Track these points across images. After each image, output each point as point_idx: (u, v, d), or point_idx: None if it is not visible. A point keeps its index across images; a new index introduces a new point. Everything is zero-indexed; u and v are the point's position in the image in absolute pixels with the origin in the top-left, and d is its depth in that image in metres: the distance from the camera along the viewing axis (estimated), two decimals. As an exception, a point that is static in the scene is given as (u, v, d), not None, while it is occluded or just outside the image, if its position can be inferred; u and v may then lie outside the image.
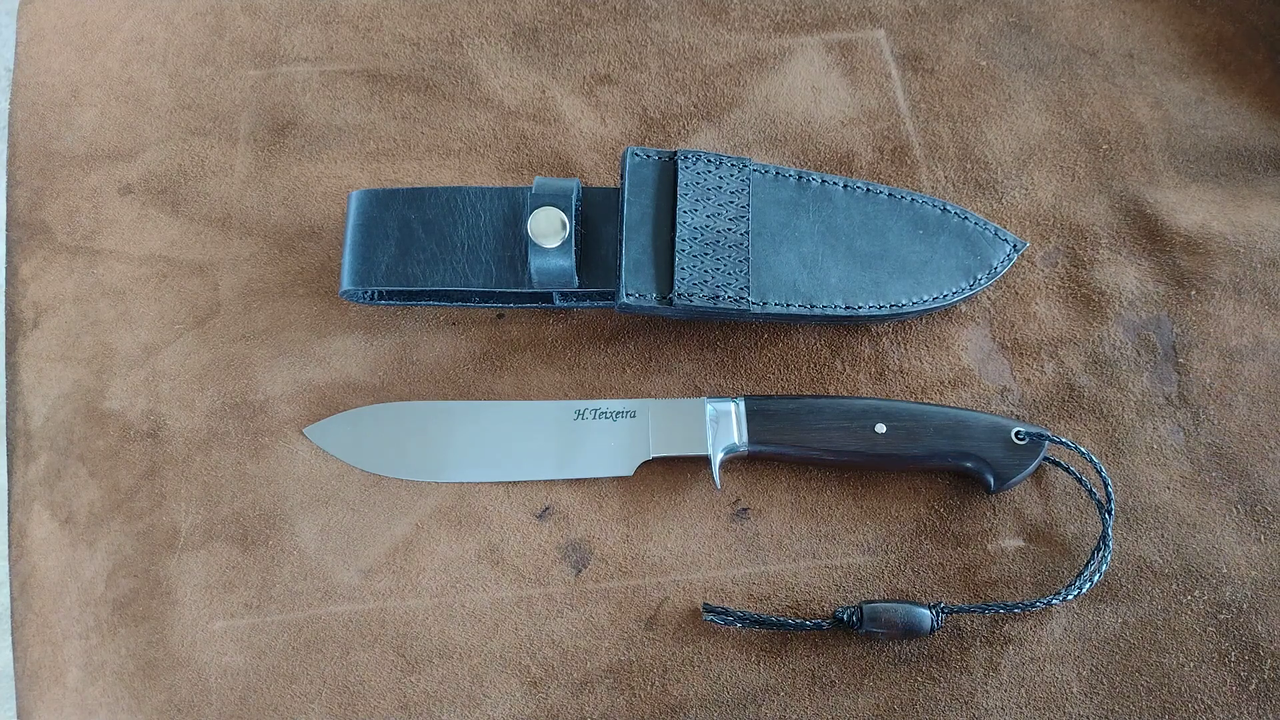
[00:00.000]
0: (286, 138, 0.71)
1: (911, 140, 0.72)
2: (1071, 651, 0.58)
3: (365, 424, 0.63)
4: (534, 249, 0.60)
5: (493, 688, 0.58)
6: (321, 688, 0.57)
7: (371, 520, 0.61)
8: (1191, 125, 0.72)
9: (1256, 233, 0.68)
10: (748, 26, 0.76)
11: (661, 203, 0.62)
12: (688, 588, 0.60)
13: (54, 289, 0.67)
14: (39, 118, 0.72)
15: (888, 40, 0.75)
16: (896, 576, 0.60)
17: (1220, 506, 0.62)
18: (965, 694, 0.58)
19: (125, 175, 0.70)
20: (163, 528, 0.61)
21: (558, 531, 0.61)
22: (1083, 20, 0.76)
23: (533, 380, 0.65)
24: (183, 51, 0.74)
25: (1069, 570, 0.60)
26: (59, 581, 0.60)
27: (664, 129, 0.72)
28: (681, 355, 0.66)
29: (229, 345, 0.65)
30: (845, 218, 0.64)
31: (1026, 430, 0.60)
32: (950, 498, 0.62)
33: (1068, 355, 0.66)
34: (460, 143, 0.71)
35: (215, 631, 0.58)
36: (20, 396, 0.64)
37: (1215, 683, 0.58)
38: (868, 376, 0.65)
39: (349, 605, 0.59)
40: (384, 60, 0.74)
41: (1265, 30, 0.76)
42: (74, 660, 0.58)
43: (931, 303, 0.64)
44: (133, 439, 0.63)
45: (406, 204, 0.63)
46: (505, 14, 0.76)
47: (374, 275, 0.62)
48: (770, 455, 0.61)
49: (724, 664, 0.58)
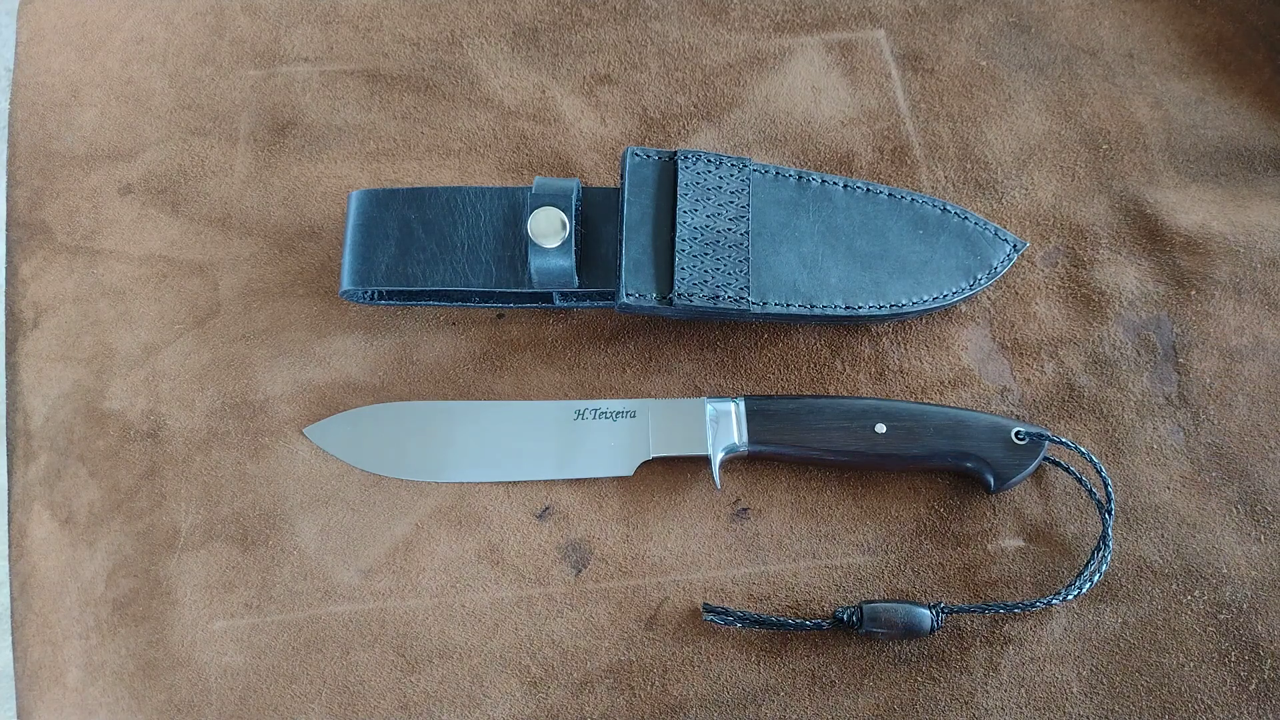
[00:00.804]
0: (286, 138, 0.71)
1: (911, 140, 0.72)
2: (1071, 651, 0.58)
3: (365, 424, 0.63)
4: (534, 249, 0.60)
5: (493, 688, 0.58)
6: (321, 688, 0.57)
7: (371, 520, 0.61)
8: (1191, 125, 0.72)
9: (1256, 233, 0.68)
10: (748, 26, 0.76)
11: (661, 203, 0.62)
12: (688, 588, 0.60)
13: (54, 289, 0.67)
14: (39, 118, 0.72)
15: (888, 40, 0.75)
16: (896, 576, 0.60)
17: (1220, 506, 0.62)
18: (965, 694, 0.58)
19: (125, 175, 0.70)
20: (163, 528, 0.61)
21: (558, 531, 0.61)
22: (1083, 20, 0.76)
23: (533, 380, 0.65)
24: (183, 51, 0.74)
25: (1069, 570, 0.60)
26: (59, 581, 0.60)
27: (664, 129, 0.72)
28: (681, 355, 0.66)
29: (229, 345, 0.65)
30: (845, 218, 0.64)
31: (1026, 430, 0.60)
32: (950, 498, 0.62)
33: (1068, 355, 0.66)
34: (460, 143, 0.71)
35: (215, 631, 0.58)
36: (20, 396, 0.64)
37: (1215, 683, 0.58)
38: (868, 376, 0.65)
39: (349, 605, 0.59)
40: (384, 60, 0.74)
41: (1265, 30, 0.76)
42: (74, 660, 0.58)
43: (931, 303, 0.64)
44: (133, 439, 0.63)
45: (406, 204, 0.63)
46: (505, 14, 0.76)
47: (374, 275, 0.62)
48: (770, 455, 0.61)
49: (724, 664, 0.58)
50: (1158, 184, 0.70)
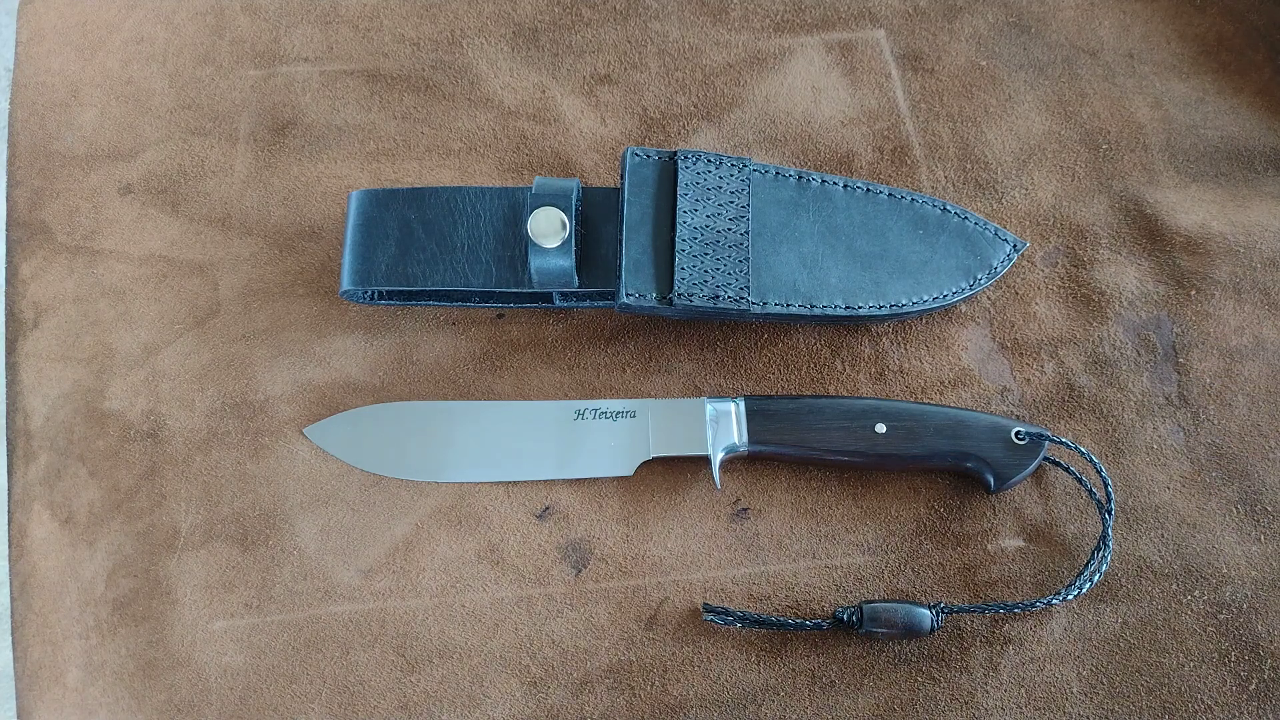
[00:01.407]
0: (286, 138, 0.71)
1: (911, 140, 0.72)
2: (1071, 651, 0.58)
3: (365, 424, 0.63)
4: (534, 249, 0.60)
5: (493, 688, 0.58)
6: (321, 688, 0.57)
7: (371, 520, 0.61)
8: (1191, 125, 0.72)
9: (1256, 232, 0.68)
10: (748, 26, 0.76)
11: (661, 203, 0.62)
12: (688, 588, 0.60)
13: (54, 289, 0.67)
14: (39, 118, 0.72)
15: (888, 40, 0.75)
16: (896, 576, 0.60)
17: (1220, 506, 0.62)
18: (965, 694, 0.58)
19: (125, 175, 0.70)
20: (163, 528, 0.61)
21: (558, 531, 0.61)
22: (1083, 20, 0.76)
23: (533, 380, 0.65)
24: (183, 51, 0.74)
25: (1069, 570, 0.60)
26: (59, 581, 0.60)
27: (664, 129, 0.72)
28: (681, 355, 0.66)
29: (229, 345, 0.65)
30: (845, 218, 0.64)
31: (1026, 430, 0.60)
32: (950, 498, 0.62)
33: (1068, 355, 0.66)
34: (460, 143, 0.71)
35: (215, 631, 0.58)
36: (20, 396, 0.64)
37: (1215, 683, 0.58)
38: (868, 376, 0.65)
39: (349, 605, 0.59)
40: (384, 60, 0.74)
41: (1265, 30, 0.76)
42: (74, 660, 0.58)
43: (931, 303, 0.64)
44: (133, 439, 0.63)
45: (406, 204, 0.63)
46: (505, 14, 0.76)
47: (374, 275, 0.62)
48: (770, 455, 0.61)
49: (724, 664, 0.58)
50: (1158, 184, 0.70)
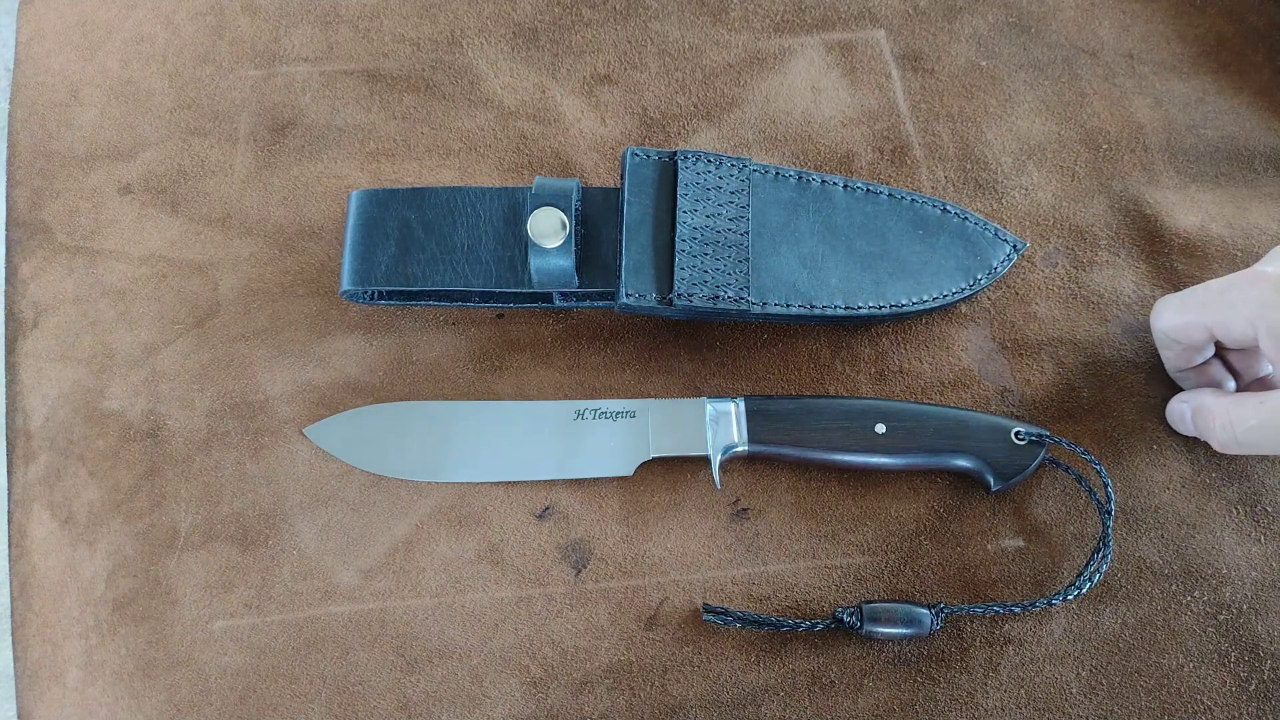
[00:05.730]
0: (286, 138, 0.71)
1: (911, 140, 0.72)
2: (1071, 652, 0.58)
3: (365, 424, 0.63)
4: (534, 249, 0.60)
5: (493, 688, 0.58)
6: (321, 688, 0.57)
7: (371, 520, 0.61)
8: (1191, 125, 0.72)
9: (1255, 235, 0.68)
10: (748, 26, 0.76)
11: (661, 203, 0.62)
12: (688, 588, 0.60)
13: (54, 289, 0.67)
14: (39, 118, 0.72)
15: (888, 40, 0.75)
16: (896, 576, 0.60)
17: (1220, 507, 0.62)
18: (965, 694, 0.58)
19: (125, 175, 0.70)
20: (163, 528, 0.61)
21: (558, 531, 0.61)
22: (1083, 20, 0.76)
23: (533, 380, 0.65)
24: (183, 51, 0.74)
25: (1069, 570, 0.60)
26: (59, 581, 0.60)
27: (664, 129, 0.72)
28: (681, 355, 0.66)
29: (229, 345, 0.65)
30: (845, 218, 0.64)
31: (1026, 430, 0.60)
32: (950, 498, 0.62)
33: (1068, 355, 0.66)
34: (460, 143, 0.71)
35: (215, 631, 0.58)
36: (20, 396, 0.64)
37: (1215, 683, 0.58)
38: (868, 377, 0.65)
39: (349, 605, 0.59)
40: (384, 60, 0.74)
41: (1265, 30, 0.76)
42: (74, 660, 0.58)
43: (931, 303, 0.64)
44: (133, 439, 0.63)
45: (406, 204, 0.63)
46: (505, 14, 0.76)
47: (374, 275, 0.62)
48: (770, 455, 0.61)
49: (724, 664, 0.58)
50: (1157, 184, 0.70)
